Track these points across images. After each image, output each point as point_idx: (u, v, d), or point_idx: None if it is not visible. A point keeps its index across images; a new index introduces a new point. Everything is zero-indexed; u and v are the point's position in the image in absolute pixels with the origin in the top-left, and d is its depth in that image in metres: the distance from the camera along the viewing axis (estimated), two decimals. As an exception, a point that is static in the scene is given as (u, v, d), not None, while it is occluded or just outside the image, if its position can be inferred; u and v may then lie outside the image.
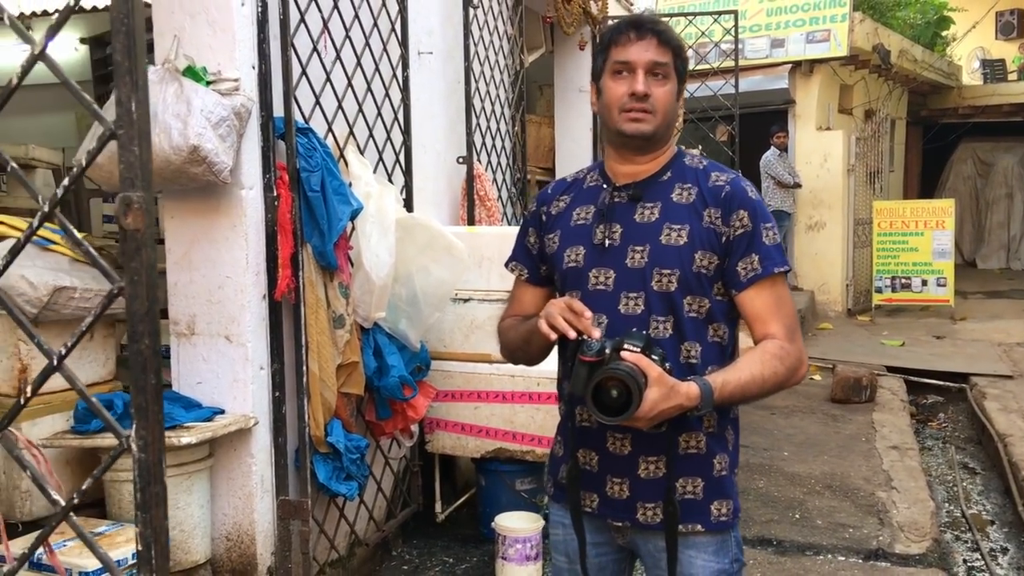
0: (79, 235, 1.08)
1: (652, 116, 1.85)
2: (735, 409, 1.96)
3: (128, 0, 0.98)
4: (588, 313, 1.75)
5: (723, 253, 1.85)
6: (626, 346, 1.71)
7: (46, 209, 1.04)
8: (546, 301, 2.01)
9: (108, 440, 2.84)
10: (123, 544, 2.67)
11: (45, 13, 6.07)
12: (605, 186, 1.96)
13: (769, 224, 1.87)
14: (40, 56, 1.03)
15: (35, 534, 2.64)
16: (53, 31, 1.04)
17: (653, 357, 1.72)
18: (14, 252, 1.08)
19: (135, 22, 0.98)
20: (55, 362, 1.07)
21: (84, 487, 1.11)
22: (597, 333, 1.74)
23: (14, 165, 1.08)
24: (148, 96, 1.00)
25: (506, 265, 2.13)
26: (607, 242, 1.90)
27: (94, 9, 5.75)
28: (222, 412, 3.15)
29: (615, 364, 1.67)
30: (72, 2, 1.04)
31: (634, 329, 1.81)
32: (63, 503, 1.09)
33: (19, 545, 2.53)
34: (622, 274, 1.88)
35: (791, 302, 1.91)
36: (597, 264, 1.91)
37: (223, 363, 3.19)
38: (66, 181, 1.05)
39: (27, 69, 1.04)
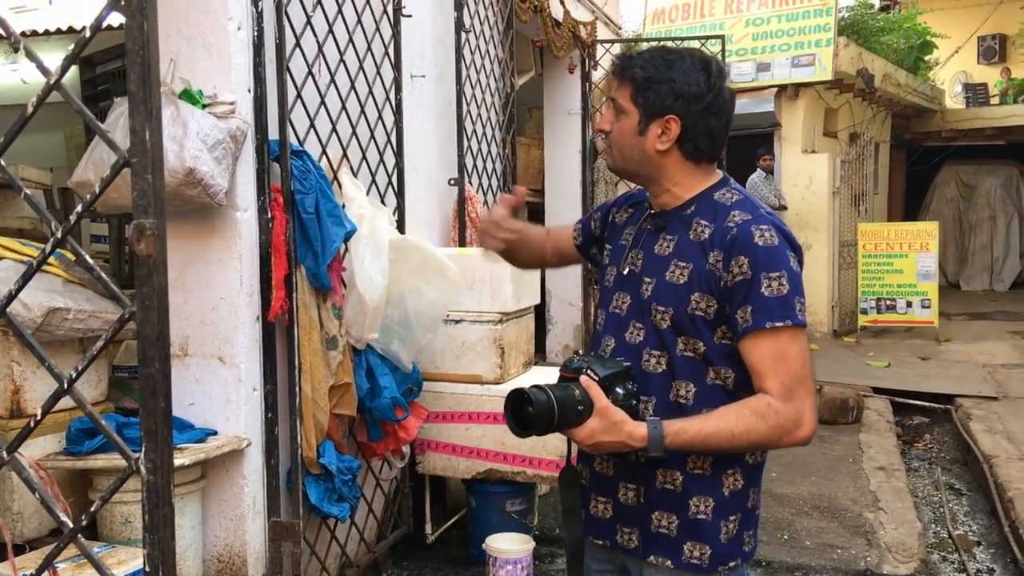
0: (91, 260, 1.10)
1: (610, 150, 1.91)
2: (756, 455, 1.88)
3: (143, 32, 1.01)
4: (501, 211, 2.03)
5: (722, 298, 1.78)
6: (588, 372, 1.76)
7: (59, 236, 1.06)
8: (565, 248, 2.21)
9: (101, 462, 2.84)
10: (115, 566, 2.66)
11: (35, 33, 6.09)
12: (647, 211, 1.99)
13: (775, 273, 1.74)
14: (55, 86, 1.05)
15: (32, 554, 2.64)
16: (68, 62, 1.06)
17: (618, 390, 1.74)
18: (26, 277, 1.10)
19: (150, 54, 1.01)
20: (66, 385, 1.08)
21: (93, 509, 1.13)
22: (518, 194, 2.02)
23: (27, 192, 1.10)
24: (161, 125, 1.03)
25: (574, 226, 2.23)
26: (628, 268, 1.93)
27: (83, 30, 5.76)
28: (215, 433, 3.15)
29: (546, 387, 1.72)
30: (87, 34, 1.07)
31: (620, 358, 1.84)
32: (71, 525, 1.10)
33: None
34: (635, 301, 1.90)
35: (799, 358, 1.76)
36: (619, 288, 1.95)
37: (216, 384, 3.19)
38: (80, 209, 1.07)
39: (42, 99, 1.06)
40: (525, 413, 1.72)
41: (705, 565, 1.84)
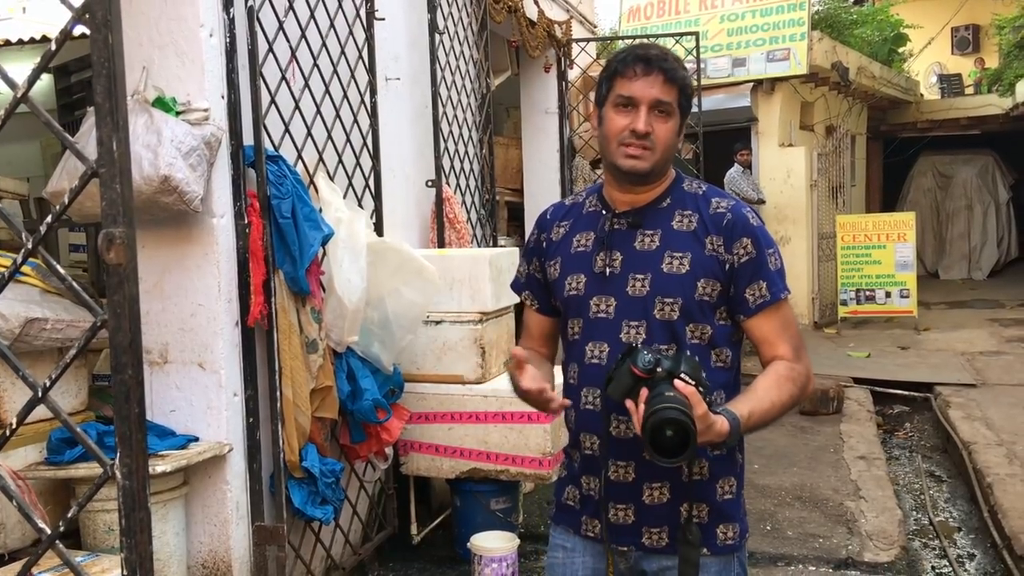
0: (62, 270, 1.12)
1: (651, 153, 1.85)
2: None
3: (108, 44, 1.02)
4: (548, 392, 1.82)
5: (726, 280, 1.86)
6: (682, 375, 1.68)
7: (30, 246, 1.08)
8: (553, 330, 2.08)
9: (83, 471, 2.84)
10: (98, 574, 2.66)
11: (8, 43, 6.05)
12: (604, 212, 1.95)
13: (772, 250, 1.89)
14: (23, 99, 1.07)
15: (15, 564, 2.64)
16: (36, 74, 1.08)
17: (700, 389, 1.70)
18: (-2, 288, 1.11)
19: (116, 66, 1.03)
20: (40, 394, 1.10)
21: (70, 515, 1.14)
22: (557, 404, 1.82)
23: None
24: (128, 135, 1.04)
25: (518, 292, 2.15)
26: (608, 270, 1.90)
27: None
28: (196, 439, 3.15)
29: (672, 403, 1.63)
30: (53, 46, 1.09)
31: (687, 353, 1.80)
32: (49, 532, 1.12)
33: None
34: (623, 302, 1.88)
35: (795, 321, 1.96)
36: (598, 292, 1.91)
37: (196, 390, 3.20)
38: (49, 219, 1.09)
39: (10, 112, 1.08)
40: (666, 440, 1.63)
41: (736, 543, 1.92)
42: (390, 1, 4.30)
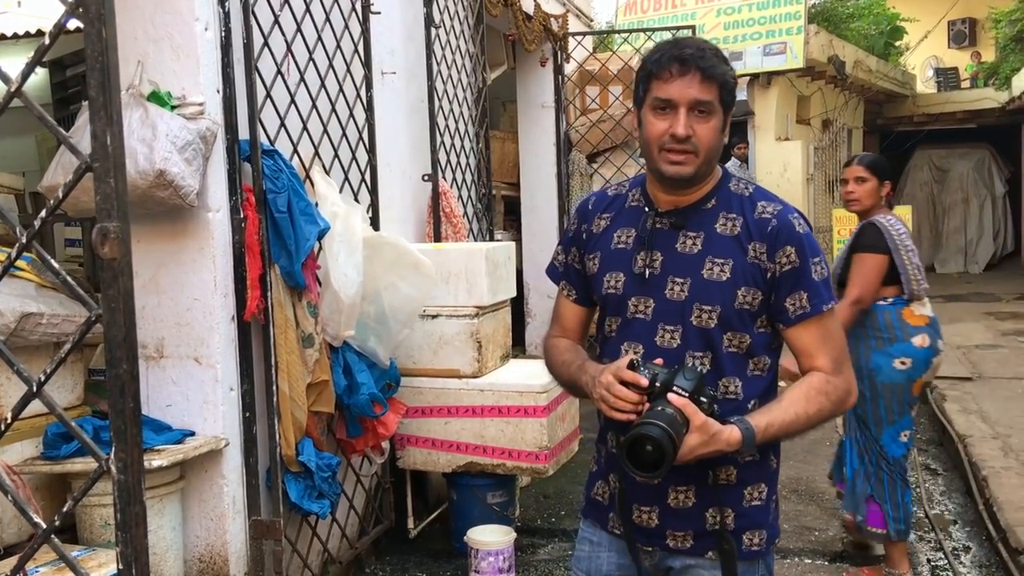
0: (56, 264, 1.12)
1: (693, 157, 1.79)
2: None
3: (102, 38, 1.02)
4: (642, 380, 1.73)
5: (768, 288, 1.81)
6: (675, 387, 1.69)
7: (24, 240, 1.08)
8: (588, 321, 2.06)
9: (79, 465, 2.84)
10: (95, 569, 2.66)
11: (3, 37, 6.03)
12: (647, 209, 1.91)
13: (817, 258, 1.81)
14: (16, 93, 1.06)
15: (11, 559, 2.64)
16: (29, 69, 1.08)
17: (702, 399, 1.70)
18: (-8, 282, 1.11)
19: (109, 59, 1.02)
20: (35, 388, 1.10)
21: (65, 509, 1.14)
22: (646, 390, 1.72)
23: (-9, 198, 1.11)
24: (122, 130, 1.04)
25: (555, 282, 2.11)
26: (648, 271, 1.86)
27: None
28: (192, 434, 3.15)
29: (655, 419, 1.64)
30: (47, 40, 1.08)
31: (689, 363, 1.79)
32: (44, 526, 1.12)
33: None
34: (661, 305, 1.85)
35: (839, 333, 1.88)
36: (637, 292, 1.88)
37: (193, 385, 3.20)
38: (44, 213, 1.09)
39: (3, 106, 1.08)
40: (645, 454, 1.65)
41: (763, 549, 1.89)
42: (386, -5, 4.29)
